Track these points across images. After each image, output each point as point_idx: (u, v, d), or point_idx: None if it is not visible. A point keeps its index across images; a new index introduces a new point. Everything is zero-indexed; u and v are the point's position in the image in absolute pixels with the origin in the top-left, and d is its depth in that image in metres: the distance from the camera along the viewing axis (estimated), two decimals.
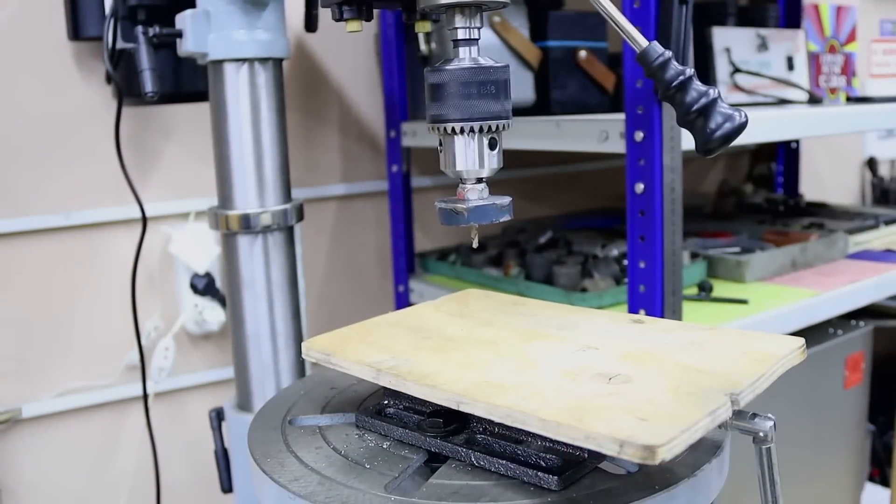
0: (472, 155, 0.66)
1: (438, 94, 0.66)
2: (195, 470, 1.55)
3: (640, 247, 1.05)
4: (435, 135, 0.68)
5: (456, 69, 0.65)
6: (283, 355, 1.09)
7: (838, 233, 1.60)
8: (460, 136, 0.66)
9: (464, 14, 0.66)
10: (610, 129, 1.08)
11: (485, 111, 0.65)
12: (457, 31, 0.67)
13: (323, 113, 1.64)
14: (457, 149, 0.66)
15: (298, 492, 0.56)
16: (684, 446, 0.47)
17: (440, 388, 0.58)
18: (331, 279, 1.69)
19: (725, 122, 0.67)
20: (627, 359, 0.62)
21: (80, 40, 1.33)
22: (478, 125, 0.65)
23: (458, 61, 0.66)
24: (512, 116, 0.68)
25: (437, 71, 0.66)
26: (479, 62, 0.66)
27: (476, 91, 0.65)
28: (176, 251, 1.44)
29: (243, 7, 1.00)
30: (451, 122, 0.65)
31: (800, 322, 1.24)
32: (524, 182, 1.92)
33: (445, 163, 0.68)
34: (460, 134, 0.66)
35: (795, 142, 2.20)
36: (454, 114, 0.65)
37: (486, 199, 0.68)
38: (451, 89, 0.65)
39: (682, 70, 0.67)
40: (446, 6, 0.66)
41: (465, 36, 0.67)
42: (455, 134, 0.66)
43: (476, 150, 0.66)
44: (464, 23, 0.66)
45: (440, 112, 0.65)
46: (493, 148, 0.67)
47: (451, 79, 0.65)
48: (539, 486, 0.55)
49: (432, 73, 0.66)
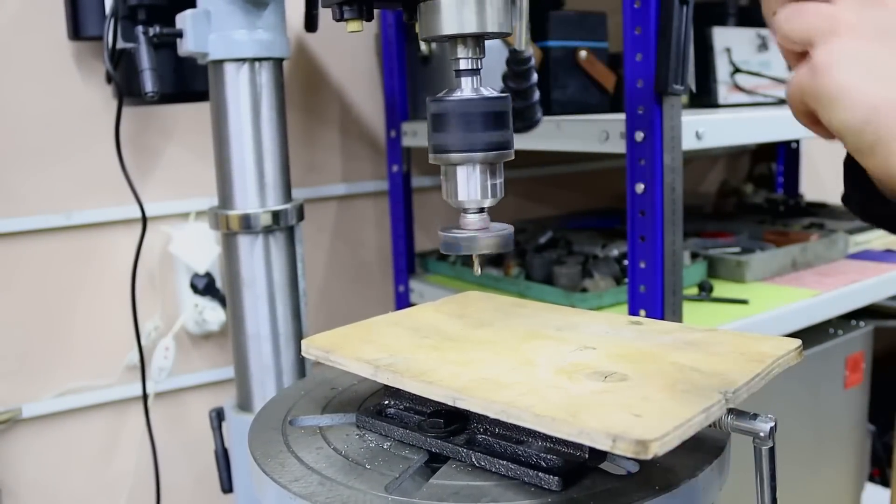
0: (474, 185, 0.67)
1: (440, 124, 0.66)
2: (195, 470, 1.55)
3: (641, 247, 1.05)
4: (437, 164, 0.69)
5: (458, 100, 0.66)
6: (284, 355, 1.09)
7: (838, 233, 1.60)
8: (462, 167, 0.67)
9: (466, 45, 0.67)
10: (610, 129, 1.08)
11: (487, 142, 0.66)
12: (459, 62, 0.67)
13: (323, 113, 1.64)
14: (459, 180, 0.67)
15: (299, 492, 0.56)
16: (677, 442, 0.48)
17: (437, 384, 0.59)
18: (331, 279, 1.69)
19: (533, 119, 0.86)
20: (624, 358, 0.62)
21: (81, 40, 1.33)
22: (480, 156, 0.66)
23: (459, 91, 0.67)
24: (514, 146, 0.69)
25: (439, 101, 0.66)
26: (482, 92, 0.67)
27: (478, 122, 0.65)
28: (176, 251, 1.44)
29: (244, 7, 1.00)
30: (453, 153, 0.66)
31: (800, 322, 1.24)
32: (524, 182, 1.92)
33: (447, 192, 0.69)
34: (462, 165, 0.66)
35: (795, 142, 2.20)
36: (456, 145, 0.65)
37: (488, 228, 0.68)
38: (453, 120, 0.65)
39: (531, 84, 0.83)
40: (448, 37, 0.66)
41: (468, 66, 0.67)
42: (457, 165, 0.67)
43: (478, 180, 0.67)
44: (465, 53, 0.67)
45: (442, 143, 0.66)
46: (494, 178, 0.68)
47: (453, 110, 0.65)
48: (540, 486, 0.55)
49: (434, 103, 0.67)
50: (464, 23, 0.65)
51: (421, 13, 0.67)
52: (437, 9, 0.65)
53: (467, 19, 0.65)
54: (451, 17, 0.65)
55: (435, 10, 0.65)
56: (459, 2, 0.64)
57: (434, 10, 0.65)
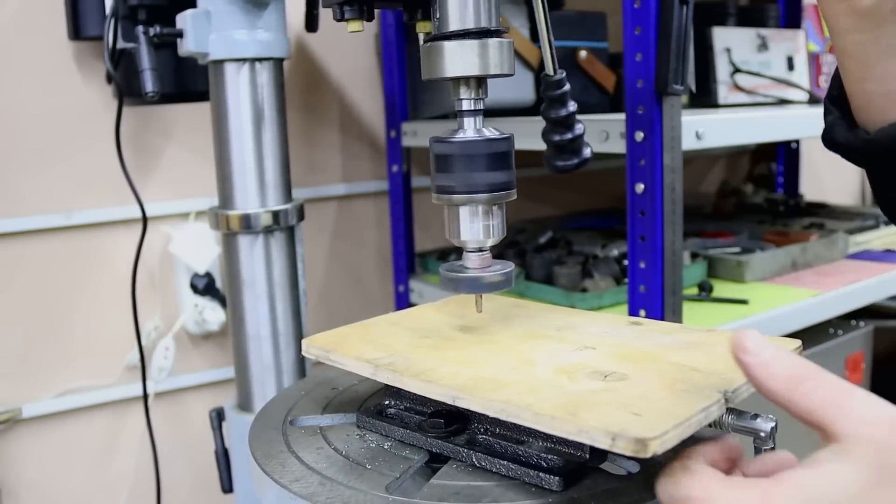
0: (477, 226, 0.68)
1: (443, 165, 0.67)
2: (195, 470, 1.55)
3: (641, 247, 1.05)
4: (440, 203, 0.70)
5: (461, 141, 0.66)
6: (284, 355, 1.09)
7: (838, 233, 1.60)
8: (465, 208, 0.67)
9: (468, 85, 0.67)
10: (610, 129, 1.08)
11: (489, 183, 0.66)
12: (461, 102, 0.68)
13: (323, 113, 1.64)
14: (461, 220, 0.68)
15: (299, 492, 0.56)
16: (677, 440, 0.48)
17: (437, 383, 0.59)
18: (331, 279, 1.69)
19: (572, 158, 0.79)
20: (624, 358, 0.63)
21: (81, 40, 1.33)
22: (482, 197, 0.67)
23: (462, 132, 0.67)
24: (516, 186, 0.70)
25: (442, 142, 0.67)
26: (484, 133, 0.67)
27: (481, 163, 0.66)
28: (176, 251, 1.44)
29: (244, 7, 1.00)
30: (456, 194, 0.67)
31: (800, 322, 1.24)
32: (524, 182, 1.92)
33: (450, 232, 0.69)
34: (465, 205, 0.67)
35: (795, 142, 2.20)
36: (459, 186, 0.66)
37: (489, 268, 0.69)
38: (456, 161, 0.66)
39: (571, 112, 0.78)
40: (451, 79, 0.67)
41: (470, 107, 0.68)
42: (460, 206, 0.67)
43: (480, 220, 0.68)
44: (468, 94, 0.67)
45: (445, 183, 0.67)
46: (496, 218, 0.69)
47: (456, 151, 0.66)
48: (541, 486, 0.55)
49: (438, 143, 0.67)
50: (467, 65, 0.65)
51: (423, 54, 0.67)
52: (439, 51, 0.66)
53: (470, 62, 0.65)
54: (453, 59, 0.65)
55: (438, 52, 0.66)
56: (462, 45, 0.65)
57: (437, 52, 0.66)
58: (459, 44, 0.65)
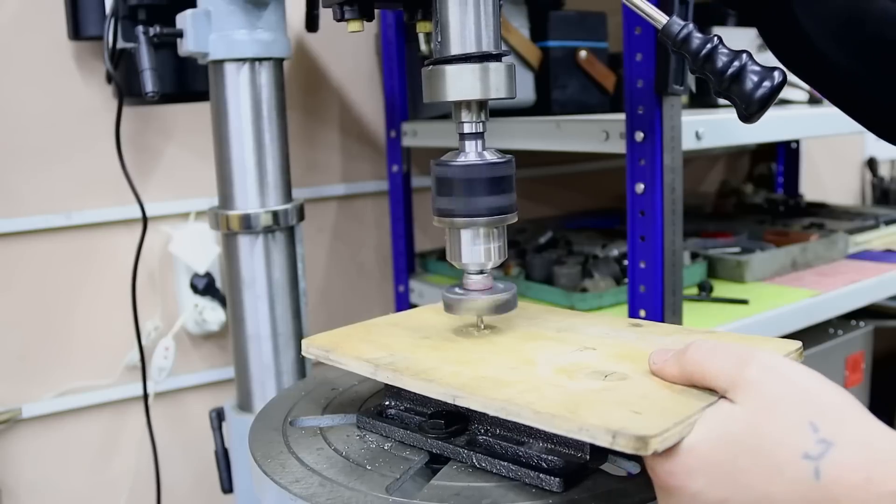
0: (478, 249, 0.68)
1: (445, 188, 0.67)
2: (195, 470, 1.55)
3: (641, 247, 1.05)
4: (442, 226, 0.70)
5: (462, 165, 0.67)
6: (284, 355, 1.09)
7: (838, 233, 1.60)
8: (466, 231, 0.68)
9: (469, 109, 0.68)
10: (610, 129, 1.08)
11: (490, 207, 0.67)
12: (463, 126, 0.68)
13: (323, 113, 1.64)
14: (463, 243, 0.69)
15: (299, 493, 0.56)
16: (677, 438, 0.48)
17: (437, 382, 0.59)
18: (331, 279, 1.69)
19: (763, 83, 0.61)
20: (624, 359, 0.63)
21: (81, 40, 1.33)
22: (483, 220, 0.67)
23: (464, 155, 0.68)
24: (517, 209, 0.70)
25: (443, 165, 0.67)
26: (485, 157, 0.68)
27: (482, 187, 0.66)
28: (176, 251, 1.44)
29: (244, 7, 1.00)
30: (458, 217, 0.67)
31: (800, 322, 1.24)
32: (524, 182, 1.92)
33: (451, 254, 0.70)
34: (466, 228, 0.68)
35: (795, 142, 2.20)
36: (460, 209, 0.67)
37: (491, 290, 0.70)
38: (458, 185, 0.67)
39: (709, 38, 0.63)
40: (452, 102, 0.67)
41: (471, 130, 0.68)
42: (461, 228, 0.68)
43: (481, 243, 0.68)
44: (469, 118, 0.68)
45: (447, 207, 0.68)
46: (497, 240, 0.69)
47: (457, 175, 0.67)
48: (541, 487, 0.55)
49: (439, 166, 0.68)
50: (468, 89, 0.66)
51: (425, 77, 0.68)
52: (441, 75, 0.66)
53: (471, 86, 0.66)
54: (455, 83, 0.66)
55: (439, 76, 0.66)
56: (463, 69, 0.66)
57: (438, 75, 0.66)
58: (460, 68, 0.66)
